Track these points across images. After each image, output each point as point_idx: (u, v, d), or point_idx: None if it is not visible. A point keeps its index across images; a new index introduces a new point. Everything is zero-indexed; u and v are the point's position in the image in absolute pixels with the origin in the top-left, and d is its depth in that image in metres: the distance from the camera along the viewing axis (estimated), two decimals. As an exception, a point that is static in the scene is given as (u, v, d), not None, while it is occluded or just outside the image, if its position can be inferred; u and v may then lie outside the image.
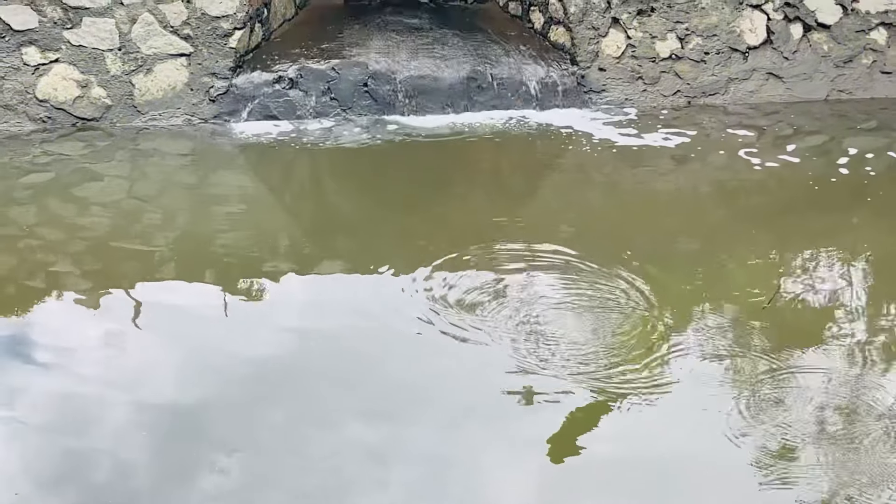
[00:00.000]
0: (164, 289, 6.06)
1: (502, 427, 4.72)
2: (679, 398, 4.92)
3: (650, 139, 8.16)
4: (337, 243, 6.56)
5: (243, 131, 8.29)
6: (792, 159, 7.79)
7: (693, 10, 8.82)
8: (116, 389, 4.98)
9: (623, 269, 6.20)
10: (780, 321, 5.66)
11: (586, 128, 8.40)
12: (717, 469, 4.49)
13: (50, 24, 8.20)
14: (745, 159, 7.81)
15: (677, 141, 8.14)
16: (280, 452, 4.52)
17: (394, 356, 5.31)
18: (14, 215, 6.97)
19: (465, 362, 5.25)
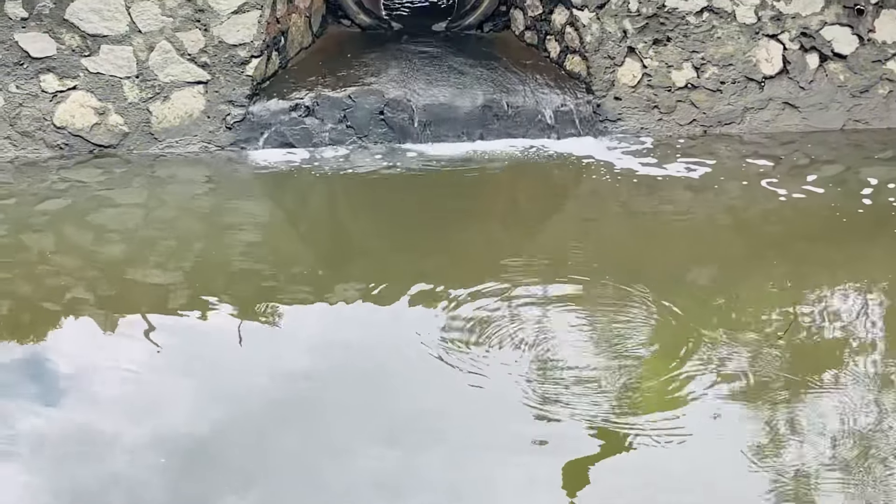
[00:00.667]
0: (180, 316, 6.10)
1: (515, 460, 4.73)
2: (695, 429, 4.92)
3: (666, 168, 8.15)
4: (352, 271, 6.56)
5: (259, 159, 8.29)
6: (809, 189, 7.76)
7: (709, 39, 8.83)
8: (132, 416, 5.01)
9: (639, 299, 6.20)
10: (796, 351, 5.65)
11: (602, 156, 8.39)
12: (736, 499, 4.49)
13: (68, 52, 8.25)
14: (761, 189, 7.79)
15: (693, 170, 8.12)
16: (294, 480, 4.54)
17: (407, 386, 5.34)
18: (30, 241, 7.01)
19: (479, 394, 5.25)
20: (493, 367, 5.43)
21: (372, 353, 5.61)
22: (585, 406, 5.10)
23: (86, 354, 5.68)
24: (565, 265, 6.70)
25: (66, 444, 4.82)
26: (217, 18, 8.35)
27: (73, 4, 8.19)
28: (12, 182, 7.85)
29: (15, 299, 6.27)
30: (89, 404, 5.16)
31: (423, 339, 5.70)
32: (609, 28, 8.79)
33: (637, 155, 8.40)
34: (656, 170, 8.12)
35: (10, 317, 6.09)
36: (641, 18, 8.78)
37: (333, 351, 5.66)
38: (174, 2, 8.28)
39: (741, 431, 4.91)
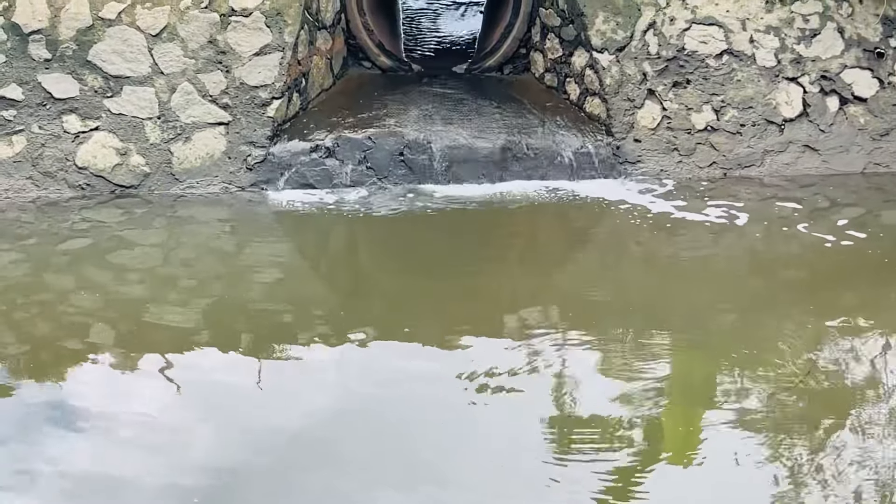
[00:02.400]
0: (199, 356, 6.12)
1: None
2: (715, 471, 4.95)
3: (685, 211, 8.16)
4: (371, 312, 6.59)
5: (280, 199, 8.32)
6: (829, 232, 7.76)
7: (729, 82, 8.86)
8: (151, 457, 5.04)
9: (657, 342, 6.21)
10: (814, 396, 5.66)
11: (621, 198, 8.41)
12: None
13: (91, 93, 8.32)
14: (781, 231, 7.80)
15: (713, 213, 8.12)
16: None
17: (427, 426, 5.36)
18: (51, 281, 7.06)
19: (498, 436, 5.27)
20: (512, 408, 5.46)
21: (390, 393, 5.64)
22: (605, 451, 5.11)
23: (105, 394, 5.72)
24: (584, 308, 6.71)
25: (87, 482, 4.87)
26: (239, 60, 8.42)
27: (96, 46, 8.28)
28: (34, 222, 7.90)
29: (35, 338, 6.32)
30: (108, 444, 5.18)
31: (442, 379, 5.74)
32: (629, 71, 8.84)
33: (657, 197, 8.42)
34: (676, 212, 8.13)
35: (29, 355, 6.13)
36: (661, 61, 8.83)
37: (352, 390, 5.70)
38: (196, 43, 8.37)
39: (761, 474, 4.92)
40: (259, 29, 8.45)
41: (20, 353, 6.17)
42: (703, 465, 5.02)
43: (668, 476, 4.94)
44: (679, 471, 5.02)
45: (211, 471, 4.93)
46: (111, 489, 4.81)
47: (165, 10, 8.34)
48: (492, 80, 10.12)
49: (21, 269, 7.27)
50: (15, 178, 8.25)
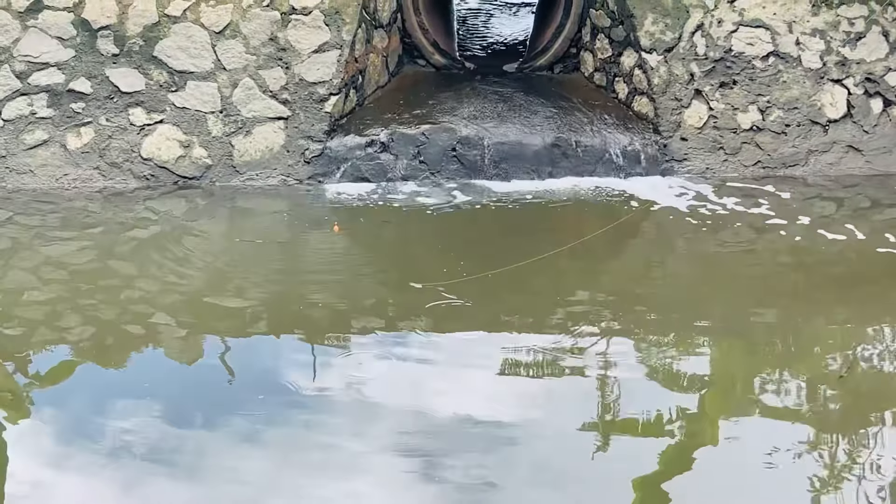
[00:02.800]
0: (256, 342, 6.29)
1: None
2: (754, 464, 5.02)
3: (730, 209, 8.23)
4: (421, 303, 6.68)
5: (336, 192, 8.47)
6: (871, 231, 7.82)
7: (775, 83, 8.94)
8: (208, 440, 5.25)
9: (699, 336, 6.31)
10: (856, 390, 5.74)
11: (667, 196, 8.49)
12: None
13: (156, 87, 8.54)
14: (823, 230, 7.85)
15: (757, 211, 8.19)
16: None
17: (471, 410, 5.45)
18: (116, 268, 7.24)
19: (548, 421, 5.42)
20: (555, 400, 5.62)
21: (439, 383, 5.77)
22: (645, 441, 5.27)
23: (166, 376, 5.95)
24: (628, 302, 6.81)
25: (149, 457, 5.07)
26: (298, 57, 8.62)
27: (162, 42, 8.51)
28: (100, 211, 8.10)
29: (99, 323, 6.50)
30: (165, 425, 5.36)
31: (487, 370, 5.88)
32: (676, 71, 8.94)
33: (702, 195, 8.49)
34: (720, 210, 8.21)
35: (94, 339, 6.33)
36: (708, 62, 8.92)
37: (400, 381, 5.83)
38: (258, 41, 8.56)
39: (800, 468, 5.02)
40: (318, 27, 8.64)
41: (85, 336, 6.36)
42: (742, 458, 5.09)
43: (708, 469, 5.03)
44: (718, 463, 5.09)
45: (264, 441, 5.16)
46: (171, 469, 5.01)
47: (228, 8, 8.54)
48: (542, 78, 10.15)
49: (87, 256, 7.44)
50: (83, 169, 8.47)
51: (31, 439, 5.26)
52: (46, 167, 8.45)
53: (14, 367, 5.97)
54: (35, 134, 8.47)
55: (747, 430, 5.37)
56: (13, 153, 8.45)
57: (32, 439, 5.26)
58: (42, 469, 4.98)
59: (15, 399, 5.64)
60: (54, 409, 5.53)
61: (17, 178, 8.43)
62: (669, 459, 5.09)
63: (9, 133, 8.46)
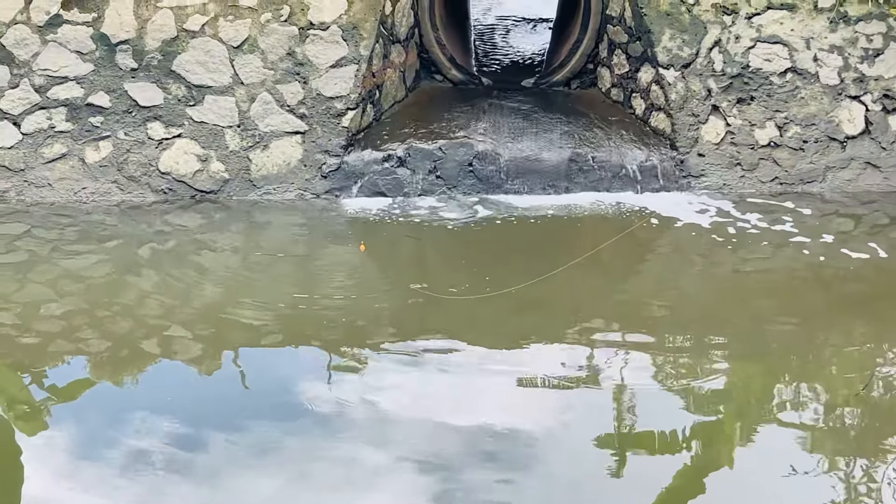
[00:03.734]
0: (272, 356, 6.30)
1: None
2: (771, 481, 5.02)
3: (747, 225, 8.20)
4: (437, 318, 6.70)
5: (353, 207, 8.48)
6: (889, 248, 7.79)
7: (792, 99, 8.93)
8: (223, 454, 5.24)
9: (716, 353, 6.29)
10: (874, 407, 5.73)
11: (684, 211, 8.47)
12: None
13: (174, 101, 8.58)
14: (841, 247, 7.82)
15: (774, 227, 8.16)
16: None
17: (488, 425, 5.45)
18: (133, 281, 7.24)
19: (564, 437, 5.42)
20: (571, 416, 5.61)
21: (456, 397, 5.77)
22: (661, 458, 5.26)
23: (181, 389, 5.96)
24: (645, 318, 6.80)
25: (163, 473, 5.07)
26: (316, 72, 8.65)
27: (180, 56, 8.55)
28: (118, 224, 8.12)
29: (115, 336, 6.51)
30: (183, 433, 5.38)
31: (503, 386, 5.87)
32: (694, 87, 8.94)
33: (719, 211, 8.47)
34: (738, 226, 8.18)
35: (110, 352, 6.34)
36: (726, 78, 8.92)
37: (415, 395, 5.81)
38: (275, 55, 8.60)
39: (817, 485, 5.00)
40: (336, 42, 8.67)
41: (101, 349, 6.37)
42: (759, 475, 5.07)
43: (724, 486, 5.03)
44: (735, 481, 5.08)
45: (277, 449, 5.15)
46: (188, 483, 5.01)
47: (247, 23, 8.57)
48: (559, 94, 10.17)
49: (104, 269, 7.47)
50: (101, 182, 8.51)
51: (48, 451, 5.26)
52: (65, 181, 8.48)
53: (31, 380, 5.99)
54: (54, 147, 8.50)
55: (764, 447, 5.35)
56: (32, 167, 8.49)
57: (49, 451, 5.26)
58: (58, 481, 4.99)
59: (32, 411, 5.66)
60: (71, 422, 5.54)
61: (35, 192, 8.47)
62: (685, 477, 5.09)
63: (28, 147, 8.50)
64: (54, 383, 5.98)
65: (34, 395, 5.84)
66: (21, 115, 8.50)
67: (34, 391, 5.88)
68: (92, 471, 5.09)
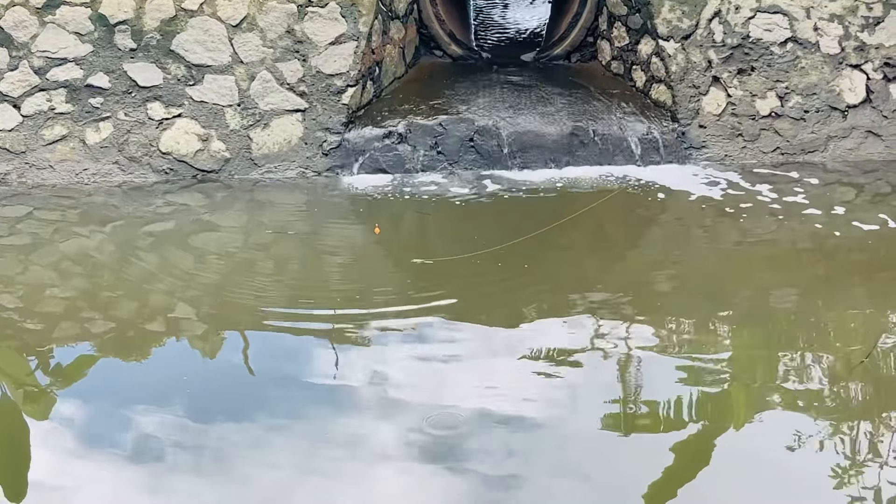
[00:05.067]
0: (277, 335, 6.27)
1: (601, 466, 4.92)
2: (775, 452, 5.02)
3: (749, 195, 8.21)
4: (441, 294, 6.69)
5: (354, 184, 8.49)
6: (891, 217, 7.79)
7: (793, 69, 8.92)
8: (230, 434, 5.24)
9: (720, 324, 6.29)
10: (877, 376, 5.73)
11: (686, 183, 8.48)
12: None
13: (174, 81, 8.58)
14: (843, 216, 7.83)
15: (776, 197, 8.17)
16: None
17: (493, 401, 5.45)
18: (136, 262, 7.23)
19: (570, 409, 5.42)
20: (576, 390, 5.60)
21: (462, 374, 5.76)
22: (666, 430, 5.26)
23: (186, 369, 5.95)
24: (648, 291, 6.81)
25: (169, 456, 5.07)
26: (315, 49, 8.64)
27: (179, 36, 8.54)
28: (120, 205, 8.12)
29: (120, 317, 6.52)
30: (188, 414, 5.38)
31: (508, 359, 5.87)
32: (694, 58, 8.93)
33: (721, 182, 8.48)
34: (740, 197, 8.19)
35: (115, 333, 6.34)
36: (726, 49, 8.91)
37: (421, 372, 5.81)
38: (274, 33, 8.59)
39: (821, 455, 5.01)
40: (335, 19, 8.66)
41: (106, 330, 6.36)
42: (763, 445, 5.08)
43: (730, 455, 5.02)
44: (740, 451, 5.08)
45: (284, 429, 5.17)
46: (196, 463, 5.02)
47: (245, 1, 8.57)
48: (559, 68, 10.17)
49: (107, 250, 7.46)
50: (102, 163, 8.51)
51: (55, 433, 5.27)
52: (66, 162, 8.49)
53: (37, 362, 6.00)
54: (54, 129, 8.50)
55: (769, 417, 5.36)
56: (33, 149, 8.49)
57: (56, 433, 5.27)
58: (65, 464, 5.00)
59: (38, 394, 5.67)
60: (76, 404, 5.55)
61: (36, 174, 8.47)
62: (691, 449, 5.09)
63: (28, 129, 8.50)
64: (60, 365, 5.99)
65: (40, 377, 5.85)
66: (21, 97, 8.50)
67: (40, 374, 5.88)
68: (98, 450, 5.10)
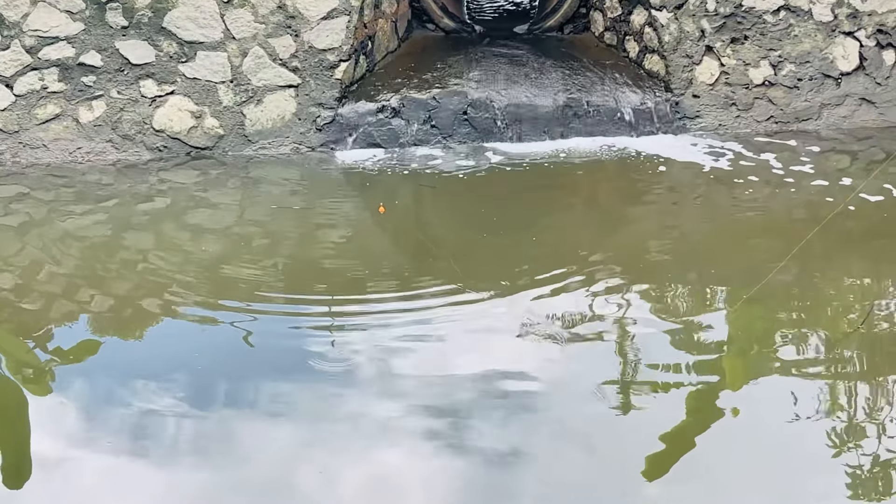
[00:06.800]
0: (273, 312, 6.25)
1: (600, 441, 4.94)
2: (774, 420, 5.02)
3: (744, 165, 8.22)
4: (437, 268, 6.70)
5: (348, 159, 8.49)
6: (885, 184, 7.79)
7: (786, 37, 8.91)
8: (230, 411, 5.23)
9: (716, 293, 6.31)
10: (873, 342, 5.74)
11: (680, 153, 8.49)
12: (810, 481, 4.64)
13: (166, 58, 8.54)
14: (838, 184, 7.83)
15: (771, 166, 8.18)
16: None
17: (493, 374, 5.45)
18: (132, 240, 7.24)
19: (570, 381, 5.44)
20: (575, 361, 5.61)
21: (460, 348, 5.75)
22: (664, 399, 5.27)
23: (184, 346, 5.93)
24: (644, 261, 6.82)
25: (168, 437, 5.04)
26: (307, 24, 8.60)
27: (171, 13, 8.50)
28: (114, 183, 8.12)
29: (116, 295, 6.51)
30: (186, 393, 5.36)
31: (506, 331, 5.86)
32: (687, 28, 8.92)
33: (715, 151, 8.49)
34: (734, 166, 8.20)
35: (112, 311, 6.35)
36: (719, 18, 8.90)
37: (421, 346, 5.80)
38: (266, 9, 8.55)
39: (820, 421, 5.01)
40: (326, -7, 8.64)
41: (103, 308, 6.37)
42: (762, 414, 5.08)
43: (728, 425, 5.03)
44: (738, 420, 5.09)
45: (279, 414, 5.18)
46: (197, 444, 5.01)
47: (236, -23, 8.54)
48: (552, 39, 10.18)
49: (102, 228, 7.47)
50: (95, 142, 8.50)
51: (54, 414, 5.27)
52: (59, 141, 8.47)
53: (34, 343, 6.00)
54: (47, 108, 8.48)
55: (766, 386, 5.37)
56: (26, 128, 8.47)
57: (55, 414, 5.27)
58: (67, 440, 5.00)
59: (38, 373, 5.67)
60: (75, 384, 5.54)
61: (30, 153, 8.46)
62: (690, 418, 5.10)
63: (21, 108, 8.48)
64: (58, 345, 5.97)
65: (39, 356, 5.84)
66: (13, 76, 8.47)
67: (39, 353, 5.88)
68: (98, 431, 5.07)
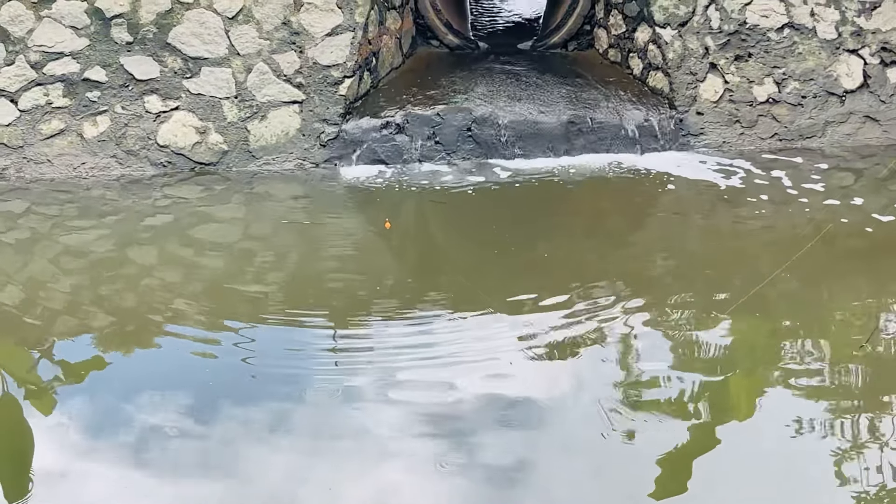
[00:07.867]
0: (277, 327, 6.25)
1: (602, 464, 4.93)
2: (776, 436, 5.02)
3: (748, 181, 8.21)
4: (441, 284, 6.71)
5: (352, 175, 8.48)
6: (890, 202, 7.78)
7: (790, 55, 8.92)
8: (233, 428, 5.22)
9: (719, 310, 6.29)
10: (878, 360, 5.73)
11: (684, 170, 8.48)
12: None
13: (171, 74, 8.56)
14: (842, 201, 7.83)
15: (774, 183, 8.16)
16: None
17: (496, 390, 5.45)
18: (135, 255, 7.24)
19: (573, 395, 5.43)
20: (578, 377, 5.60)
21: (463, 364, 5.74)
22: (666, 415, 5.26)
23: (186, 363, 5.92)
24: (647, 278, 6.81)
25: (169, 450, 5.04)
26: (312, 40, 8.62)
27: (176, 29, 8.52)
28: (118, 199, 8.10)
29: (120, 311, 6.50)
30: (187, 410, 5.35)
31: (508, 350, 5.86)
32: (691, 45, 8.92)
33: (719, 168, 8.48)
34: (738, 183, 8.19)
35: (115, 327, 6.33)
36: (723, 35, 8.90)
37: (423, 361, 5.80)
38: (271, 25, 8.57)
39: (822, 439, 5.01)
40: (331, 10, 8.64)
41: (107, 324, 6.35)
42: (764, 430, 5.09)
43: (729, 441, 5.03)
44: (742, 436, 5.09)
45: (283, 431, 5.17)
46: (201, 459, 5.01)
47: (240, -7, 8.57)
48: (556, 56, 10.17)
49: (106, 244, 7.44)
50: (100, 157, 8.50)
51: (57, 429, 5.26)
52: (64, 156, 8.48)
53: (38, 357, 6.00)
54: (52, 124, 8.49)
55: (770, 402, 5.36)
56: (30, 143, 8.48)
57: (58, 429, 5.26)
58: (70, 454, 5.00)
59: (40, 389, 5.66)
60: (78, 399, 5.54)
61: (34, 168, 8.46)
62: (694, 434, 5.09)
63: (25, 123, 8.49)
64: (62, 360, 5.97)
65: (42, 372, 5.84)
66: (18, 91, 8.48)
67: (42, 369, 5.87)
68: (102, 446, 5.08)
